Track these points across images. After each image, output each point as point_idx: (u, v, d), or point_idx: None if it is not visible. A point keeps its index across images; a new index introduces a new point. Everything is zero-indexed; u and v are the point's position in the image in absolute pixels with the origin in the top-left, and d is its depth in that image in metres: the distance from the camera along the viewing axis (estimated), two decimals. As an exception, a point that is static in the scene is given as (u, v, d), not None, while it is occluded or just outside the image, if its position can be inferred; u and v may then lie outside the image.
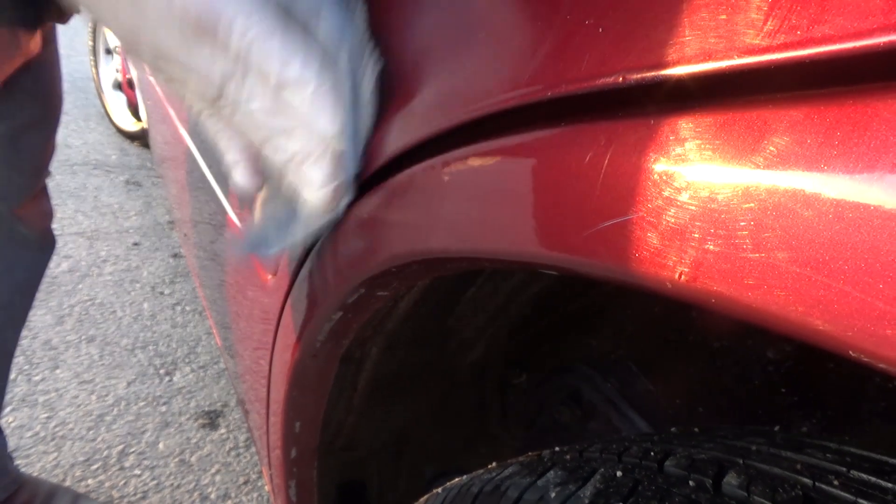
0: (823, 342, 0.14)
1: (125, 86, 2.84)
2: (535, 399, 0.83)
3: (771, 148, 0.15)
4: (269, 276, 0.56)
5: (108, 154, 2.97)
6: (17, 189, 0.79)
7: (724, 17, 0.16)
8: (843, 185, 0.14)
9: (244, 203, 0.50)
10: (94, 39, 3.04)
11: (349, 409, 0.70)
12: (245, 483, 1.38)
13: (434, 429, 0.84)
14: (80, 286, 1.95)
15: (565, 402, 0.80)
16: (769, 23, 0.15)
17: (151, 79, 1.49)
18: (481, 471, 0.45)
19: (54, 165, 0.93)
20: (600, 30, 0.20)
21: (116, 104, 3.07)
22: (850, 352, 0.14)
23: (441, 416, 0.82)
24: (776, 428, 0.44)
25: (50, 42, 0.75)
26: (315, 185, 0.36)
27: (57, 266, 1.96)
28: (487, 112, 0.25)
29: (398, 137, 0.32)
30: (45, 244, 0.92)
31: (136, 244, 2.26)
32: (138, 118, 2.92)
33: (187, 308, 1.95)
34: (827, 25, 0.14)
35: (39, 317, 1.71)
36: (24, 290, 0.92)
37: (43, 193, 0.87)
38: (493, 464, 0.45)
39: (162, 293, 2.01)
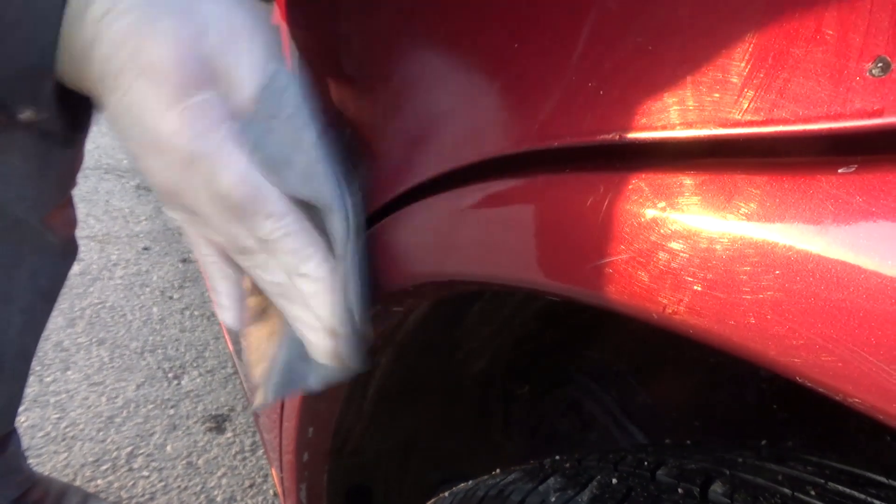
0: (778, 370, 0.18)
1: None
2: (537, 409, 0.85)
3: (741, 206, 0.19)
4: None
5: (120, 158, 3.01)
6: (46, 199, 0.81)
7: (712, 95, 0.20)
8: (796, 237, 0.17)
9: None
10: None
11: (359, 415, 0.73)
12: (250, 486, 1.41)
13: (439, 436, 0.86)
14: (92, 289, 1.98)
15: (566, 413, 0.83)
16: (745, 103, 0.19)
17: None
18: (486, 476, 0.48)
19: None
20: (601, 92, 0.23)
21: (129, 110, 3.11)
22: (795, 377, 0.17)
23: (446, 424, 0.85)
24: (763, 442, 0.47)
25: None
26: (318, 351, 0.40)
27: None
28: (501, 154, 0.28)
29: (422, 167, 0.35)
30: (69, 251, 0.95)
31: (146, 248, 2.30)
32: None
33: (195, 313, 1.98)
34: (784, 110, 0.17)
35: (52, 319, 1.74)
36: (47, 296, 0.95)
37: (69, 202, 0.90)
38: (497, 470, 0.48)
39: (171, 297, 2.04)
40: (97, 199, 2.53)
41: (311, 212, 0.38)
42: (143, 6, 0.32)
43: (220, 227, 0.36)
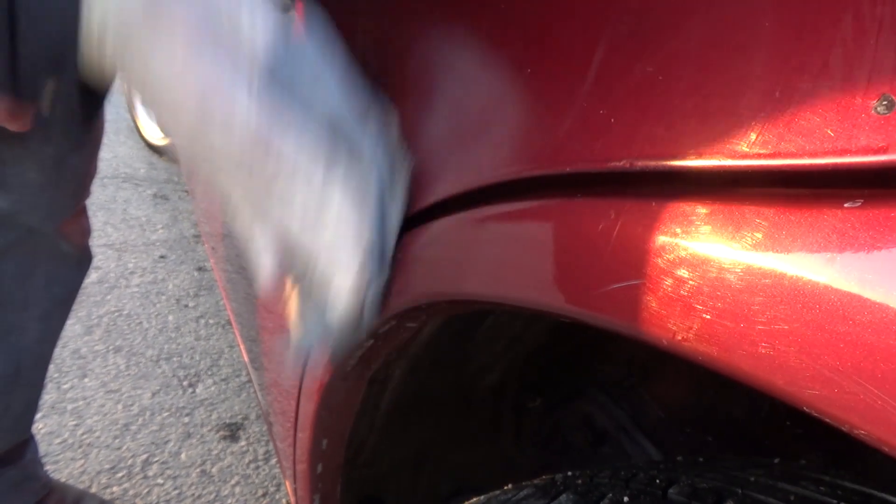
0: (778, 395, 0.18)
1: (156, 103, 2.93)
2: (550, 422, 0.86)
3: (749, 236, 0.19)
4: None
5: (137, 167, 3.05)
6: (60, 208, 0.83)
7: (721, 126, 0.20)
8: (802, 268, 0.17)
9: (268, 287, 0.55)
10: (128, 57, 3.13)
11: (371, 427, 0.73)
12: (263, 496, 1.41)
13: (451, 449, 0.87)
14: (109, 297, 2.01)
15: (579, 427, 0.83)
16: (753, 135, 0.19)
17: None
18: (498, 491, 0.48)
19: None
20: (612, 120, 0.24)
21: (146, 119, 3.16)
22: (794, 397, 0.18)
23: (458, 437, 0.85)
24: (776, 460, 0.46)
25: None
26: (343, 272, 0.40)
27: (87, 277, 2.02)
28: (515, 177, 0.29)
29: (439, 186, 0.36)
30: (83, 260, 0.96)
31: (162, 257, 2.32)
32: (167, 133, 3.00)
33: (210, 321, 2.00)
34: (791, 144, 0.18)
35: (69, 326, 1.77)
36: (62, 304, 0.97)
37: (83, 211, 0.92)
38: (510, 485, 0.48)
39: (186, 306, 2.06)
40: (115, 208, 2.56)
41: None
42: None
43: (245, 162, 0.37)
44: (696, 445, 0.72)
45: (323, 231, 0.39)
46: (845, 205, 0.17)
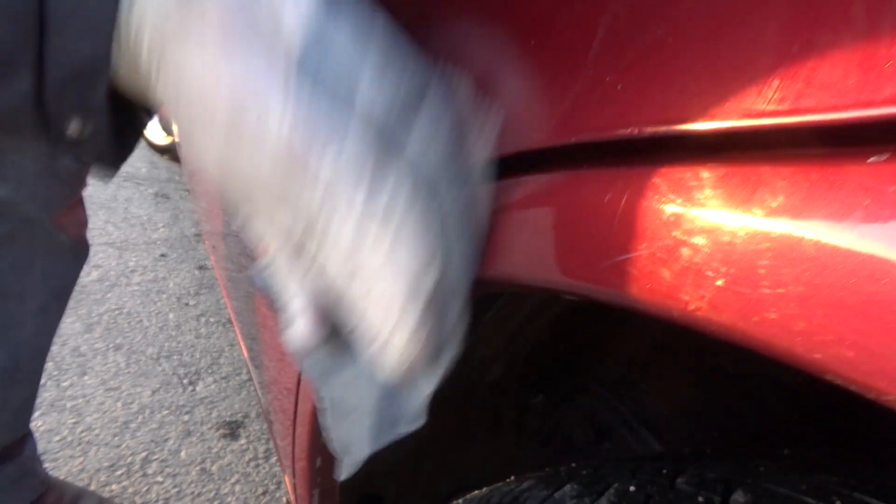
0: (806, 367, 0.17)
1: (158, 102, 2.93)
2: (551, 419, 0.84)
3: (766, 198, 0.18)
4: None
5: (139, 167, 3.05)
6: (57, 198, 0.82)
7: (735, 85, 0.19)
8: (824, 229, 0.17)
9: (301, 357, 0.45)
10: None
11: (371, 422, 0.72)
12: (263, 494, 1.40)
13: (451, 445, 0.86)
14: (109, 295, 2.00)
15: (580, 423, 0.82)
16: (770, 93, 0.18)
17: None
18: (500, 483, 0.47)
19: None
20: (619, 87, 0.23)
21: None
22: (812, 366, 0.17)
23: (458, 434, 0.84)
24: (785, 451, 0.45)
25: None
26: (392, 331, 0.31)
27: (87, 275, 2.01)
28: (519, 150, 0.28)
29: None
30: (80, 252, 0.95)
31: (163, 255, 2.32)
32: (169, 133, 3.00)
33: (211, 319, 1.99)
34: (811, 99, 0.17)
35: (69, 324, 1.77)
36: (59, 296, 0.96)
37: (80, 202, 0.91)
38: (512, 477, 0.47)
39: (187, 304, 2.05)
40: (116, 207, 2.56)
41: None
42: None
43: (282, 193, 0.30)
44: (701, 440, 0.71)
45: (368, 278, 0.30)
46: (870, 160, 0.16)
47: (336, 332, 0.38)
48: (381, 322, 0.31)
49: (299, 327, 0.37)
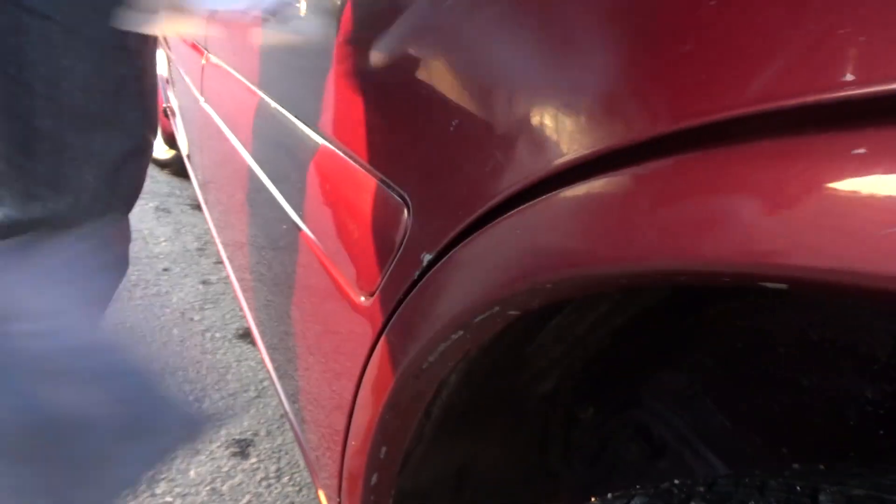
0: None
1: (161, 114, 2.90)
2: (600, 434, 0.81)
3: None
4: (362, 298, 0.56)
5: (139, 180, 3.00)
6: (112, 214, 0.81)
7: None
8: None
9: None
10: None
11: (420, 437, 0.68)
12: (277, 515, 1.35)
13: (496, 463, 0.82)
14: (111, 310, 1.95)
15: (633, 438, 0.78)
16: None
17: (203, 104, 1.51)
18: (595, 500, 0.43)
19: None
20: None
21: (148, 132, 3.12)
22: None
23: (504, 451, 0.81)
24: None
25: (151, 70, 0.78)
26: None
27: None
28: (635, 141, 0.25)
29: (537, 164, 0.32)
30: (121, 266, 0.94)
31: (166, 269, 2.27)
32: (171, 147, 2.97)
33: (217, 335, 1.94)
34: None
35: (72, 339, 1.71)
36: (98, 310, 0.94)
37: (126, 218, 0.90)
38: (609, 496, 0.44)
39: (191, 319, 2.00)
40: (117, 220, 2.51)
41: None
42: None
43: None
44: (768, 457, 0.67)
45: None
46: None
47: None
48: None
49: None
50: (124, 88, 0.71)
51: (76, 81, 0.67)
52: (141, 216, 2.65)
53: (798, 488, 0.35)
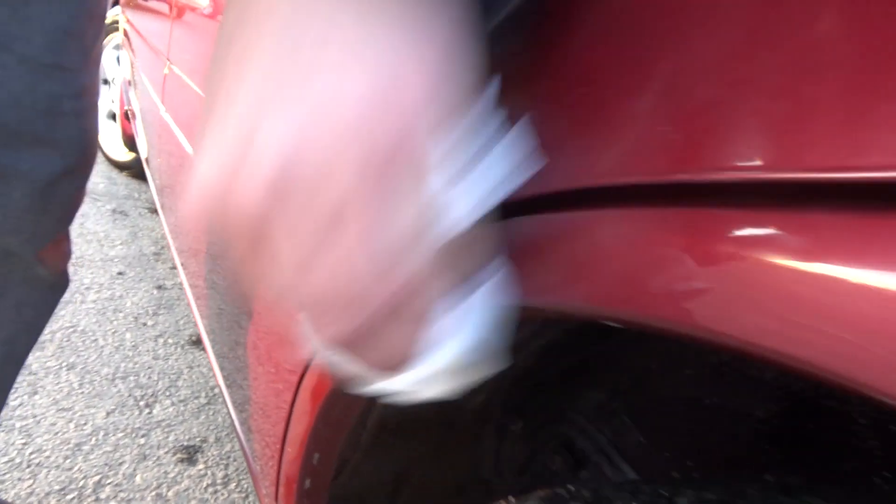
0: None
1: (122, 117, 2.88)
2: (529, 446, 0.86)
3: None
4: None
5: (96, 182, 2.97)
6: (44, 233, 0.80)
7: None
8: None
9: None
10: (94, 69, 3.08)
11: (356, 446, 0.73)
12: (222, 521, 1.37)
13: (430, 472, 0.86)
14: (63, 312, 1.94)
15: (558, 451, 0.84)
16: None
17: (163, 113, 1.53)
18: (502, 502, 0.48)
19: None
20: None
21: (108, 134, 3.09)
22: None
23: (438, 460, 0.85)
24: (767, 476, 0.48)
25: (94, 90, 0.77)
26: None
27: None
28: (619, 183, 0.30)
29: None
30: (59, 285, 0.92)
31: (120, 273, 2.26)
32: (131, 149, 2.94)
33: (170, 341, 1.94)
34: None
35: (20, 341, 1.70)
36: (31, 328, 0.92)
37: (65, 237, 0.89)
38: (511, 499, 0.49)
39: (145, 324, 2.00)
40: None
41: None
42: None
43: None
44: (677, 469, 0.73)
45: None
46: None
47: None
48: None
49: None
50: (58, 107, 0.70)
51: (5, 99, 0.65)
52: (97, 218, 2.62)
53: (663, 492, 0.41)
